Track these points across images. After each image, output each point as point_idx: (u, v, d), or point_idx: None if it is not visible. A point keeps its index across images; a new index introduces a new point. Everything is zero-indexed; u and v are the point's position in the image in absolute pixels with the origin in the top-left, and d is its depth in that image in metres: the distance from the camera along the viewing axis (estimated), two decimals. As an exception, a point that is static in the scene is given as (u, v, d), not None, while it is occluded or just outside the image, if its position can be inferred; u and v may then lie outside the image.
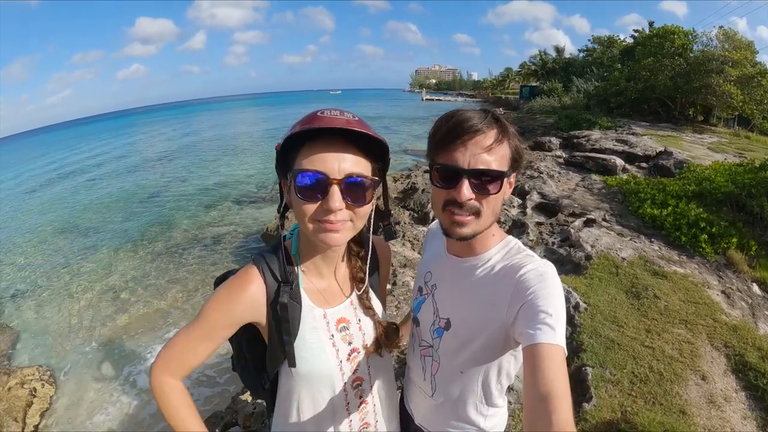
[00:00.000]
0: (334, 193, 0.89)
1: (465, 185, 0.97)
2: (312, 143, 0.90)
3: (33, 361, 6.92)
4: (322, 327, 1.07)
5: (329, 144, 0.90)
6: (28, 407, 5.67)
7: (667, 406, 2.83)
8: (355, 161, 0.92)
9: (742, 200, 6.06)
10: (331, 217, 0.91)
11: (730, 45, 18.60)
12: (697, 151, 11.43)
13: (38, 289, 9.45)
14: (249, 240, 10.88)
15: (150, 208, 15.13)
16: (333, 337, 1.08)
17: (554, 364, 0.79)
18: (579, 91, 26.77)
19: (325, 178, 0.89)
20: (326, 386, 1.09)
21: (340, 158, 0.90)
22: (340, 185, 0.90)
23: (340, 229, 0.93)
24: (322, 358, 1.06)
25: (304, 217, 0.93)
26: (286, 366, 1.05)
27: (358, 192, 0.93)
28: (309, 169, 0.89)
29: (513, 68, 57.86)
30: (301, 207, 0.92)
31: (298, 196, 0.91)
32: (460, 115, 1.00)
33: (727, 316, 3.92)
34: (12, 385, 6.05)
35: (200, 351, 1.02)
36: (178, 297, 8.32)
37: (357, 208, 0.95)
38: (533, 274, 0.98)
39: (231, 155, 26.13)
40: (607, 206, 6.94)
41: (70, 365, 6.69)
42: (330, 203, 0.89)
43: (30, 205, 18.38)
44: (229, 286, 1.01)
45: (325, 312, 1.08)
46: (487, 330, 1.05)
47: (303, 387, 1.08)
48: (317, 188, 0.90)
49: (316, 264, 1.08)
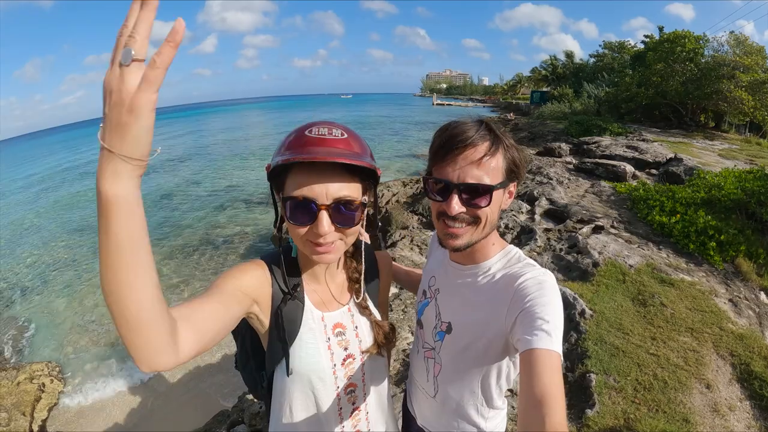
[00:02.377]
0: (322, 219, 0.92)
1: (454, 199, 1.00)
2: (299, 167, 0.92)
3: (42, 356, 7.02)
4: (319, 329, 1.09)
5: (316, 168, 0.92)
6: (36, 402, 5.76)
7: (671, 414, 2.82)
8: (342, 185, 0.94)
9: (752, 208, 6.00)
10: (321, 240, 0.94)
11: (741, 50, 18.49)
12: (707, 158, 11.33)
13: (49, 286, 9.59)
14: (259, 241, 10.98)
15: (162, 209, 15.29)
16: (329, 340, 1.11)
17: (549, 369, 0.80)
18: (589, 97, 26.68)
19: (313, 204, 0.91)
20: (319, 388, 1.10)
21: (328, 183, 0.92)
22: (328, 210, 0.92)
23: (330, 250, 0.97)
24: (316, 358, 1.08)
25: (296, 238, 0.98)
26: (282, 365, 1.07)
27: (347, 216, 0.95)
28: (298, 195, 0.92)
29: (524, 73, 57.68)
30: (293, 230, 0.96)
31: (290, 220, 0.95)
32: (454, 128, 1.02)
33: (733, 324, 3.89)
34: (21, 379, 6.15)
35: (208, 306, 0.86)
36: (189, 296, 8.39)
37: (346, 230, 0.97)
38: (532, 282, 1.00)
39: (242, 158, 26.33)
40: (615, 213, 6.91)
41: (79, 362, 6.78)
42: (319, 228, 0.92)
43: (42, 203, 18.61)
44: (239, 264, 1.03)
45: (323, 315, 1.11)
46: (487, 335, 1.07)
47: (296, 387, 1.09)
48: (306, 214, 0.93)
49: (314, 270, 1.12)
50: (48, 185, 23.43)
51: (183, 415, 5.48)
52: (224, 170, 22.10)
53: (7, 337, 7.63)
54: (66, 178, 25.47)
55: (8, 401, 5.60)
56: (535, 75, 43.85)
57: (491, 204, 1.02)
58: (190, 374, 6.18)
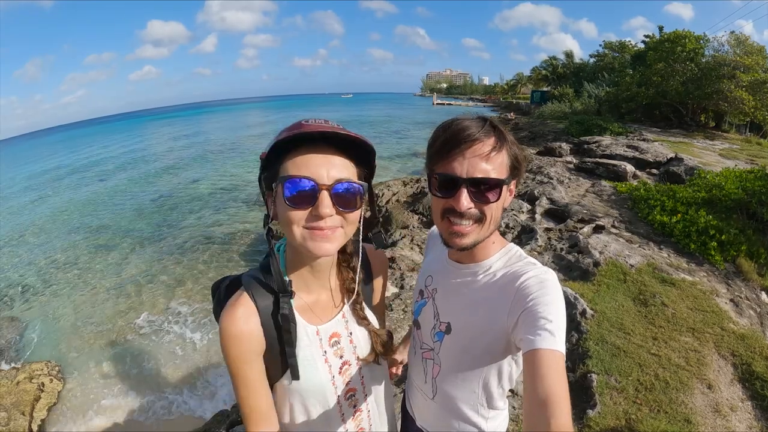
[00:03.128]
0: (324, 199, 0.88)
1: (464, 194, 0.97)
2: (298, 150, 0.90)
3: (42, 356, 7.02)
4: (315, 344, 1.06)
5: (316, 150, 0.89)
6: (35, 401, 5.75)
7: (672, 414, 2.81)
8: (343, 166, 0.92)
9: (753, 207, 5.99)
10: (321, 223, 0.90)
11: (741, 50, 18.53)
12: (708, 158, 11.34)
13: (49, 285, 9.59)
14: (257, 239, 10.97)
15: (161, 208, 15.30)
16: (326, 353, 1.07)
17: (554, 369, 0.79)
18: (590, 97, 26.72)
19: (314, 184, 0.88)
20: (320, 400, 1.08)
21: (328, 164, 0.90)
22: (329, 191, 0.89)
23: (330, 236, 0.92)
24: (314, 374, 1.05)
25: (292, 225, 0.91)
26: (282, 380, 1.04)
27: (348, 197, 0.92)
28: (297, 175, 0.88)
29: (524, 73, 57.59)
30: (290, 214, 0.90)
31: (287, 203, 0.89)
32: (458, 123, 1.00)
33: (735, 324, 3.89)
34: (21, 379, 6.15)
35: (262, 390, 0.98)
36: (188, 296, 8.40)
37: (347, 214, 0.93)
38: (534, 281, 0.98)
39: (242, 157, 26.32)
40: (616, 213, 6.90)
41: (78, 361, 6.78)
42: (320, 209, 0.88)
43: (43, 202, 18.62)
44: (227, 329, 0.95)
45: (318, 329, 1.07)
46: (488, 335, 1.06)
47: (296, 400, 1.07)
48: (306, 195, 0.88)
49: (304, 278, 1.06)
50: (48, 185, 23.43)
51: (183, 414, 5.48)
52: (224, 170, 22.08)
53: (6, 337, 7.62)
54: (67, 178, 25.47)
55: (8, 401, 5.59)
56: (535, 74, 43.83)
57: (499, 199, 1.00)
58: (189, 374, 6.18)
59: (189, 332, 7.18)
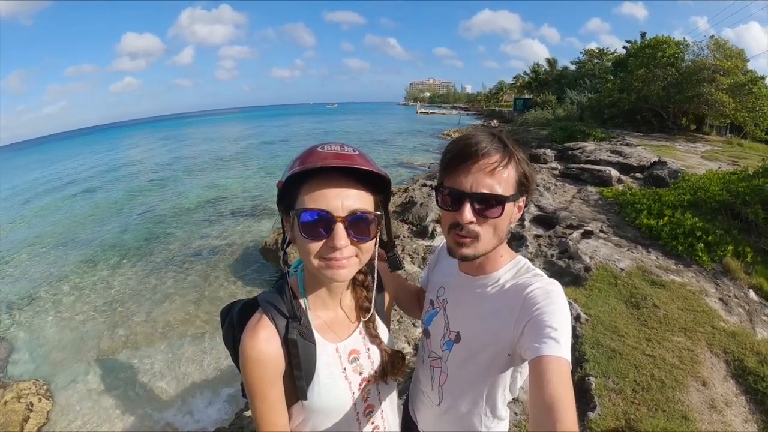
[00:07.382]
0: (338, 231, 0.89)
1: (467, 208, 1.00)
2: (313, 180, 0.90)
3: (29, 374, 6.85)
4: (335, 362, 1.07)
5: (331, 180, 0.90)
6: (24, 422, 5.60)
7: (670, 412, 2.87)
8: (357, 197, 0.92)
9: (737, 208, 6.14)
10: (337, 254, 0.91)
11: (720, 54, 18.90)
12: (691, 160, 11.57)
13: (35, 302, 9.39)
14: (246, 253, 10.85)
15: (148, 221, 15.08)
16: (345, 370, 1.09)
17: (559, 376, 0.81)
18: (572, 103, 27.07)
19: (329, 216, 0.89)
20: (340, 418, 1.09)
21: (343, 195, 0.90)
22: (344, 222, 0.90)
23: (346, 265, 0.93)
24: (335, 392, 1.06)
25: (309, 255, 0.93)
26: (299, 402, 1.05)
27: (362, 228, 0.93)
28: (312, 207, 0.89)
29: (506, 81, 58.12)
30: (306, 245, 0.92)
31: (303, 235, 0.91)
32: (468, 139, 1.03)
33: (725, 322, 3.98)
34: (8, 399, 5.99)
35: (280, 409, 1.00)
36: (177, 310, 8.28)
37: (362, 244, 0.95)
38: (540, 292, 1.01)
39: (227, 168, 26.07)
40: (603, 217, 7.01)
41: (68, 379, 6.63)
42: (335, 241, 0.89)
43: (26, 216, 18.27)
44: (249, 352, 0.96)
45: (337, 346, 1.09)
46: (495, 344, 1.08)
47: (317, 419, 1.08)
48: (321, 226, 0.90)
49: (322, 297, 1.08)
50: (31, 197, 23.03)
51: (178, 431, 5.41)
52: (208, 180, 21.90)
53: (-8, 356, 7.45)
54: (51, 188, 25.07)
55: (-5, 422, 5.47)
56: (518, 82, 44.33)
57: (503, 216, 1.03)
58: (183, 391, 6.10)
59: (179, 349, 7.09)
